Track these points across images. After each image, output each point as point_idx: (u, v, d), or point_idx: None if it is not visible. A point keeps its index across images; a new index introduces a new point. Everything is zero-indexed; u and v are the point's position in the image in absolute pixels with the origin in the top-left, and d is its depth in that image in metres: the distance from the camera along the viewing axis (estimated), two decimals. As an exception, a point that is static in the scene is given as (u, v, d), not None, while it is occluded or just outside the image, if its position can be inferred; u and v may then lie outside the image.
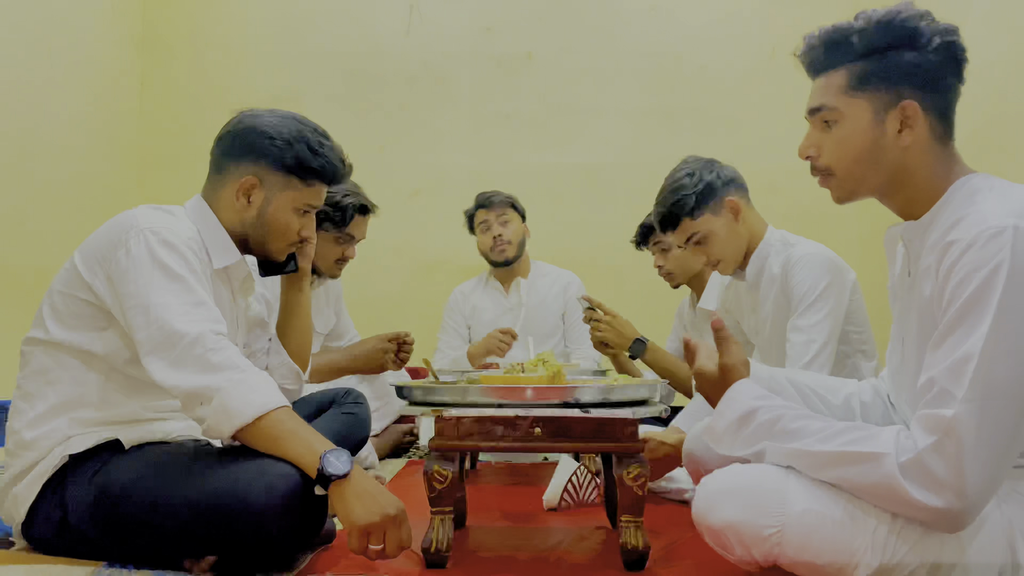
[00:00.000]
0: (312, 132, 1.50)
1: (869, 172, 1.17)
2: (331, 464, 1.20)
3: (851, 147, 1.17)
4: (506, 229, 2.97)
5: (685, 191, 1.94)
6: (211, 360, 1.26)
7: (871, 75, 1.15)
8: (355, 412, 2.05)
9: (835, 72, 1.17)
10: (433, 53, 3.87)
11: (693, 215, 1.94)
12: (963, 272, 1.02)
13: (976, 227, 1.03)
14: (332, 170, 1.51)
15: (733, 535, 1.11)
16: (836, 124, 1.18)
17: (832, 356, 1.88)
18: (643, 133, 3.81)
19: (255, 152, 1.47)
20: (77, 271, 1.36)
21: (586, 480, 1.90)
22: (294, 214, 1.51)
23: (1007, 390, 0.99)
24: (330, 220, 2.24)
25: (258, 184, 1.47)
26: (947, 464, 0.98)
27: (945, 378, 1.01)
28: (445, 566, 1.37)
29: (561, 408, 1.36)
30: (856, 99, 1.16)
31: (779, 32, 3.70)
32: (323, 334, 2.53)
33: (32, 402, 1.36)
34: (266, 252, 1.54)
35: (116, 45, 3.70)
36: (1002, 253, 0.99)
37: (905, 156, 1.15)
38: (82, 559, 1.31)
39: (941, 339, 1.04)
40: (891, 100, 1.14)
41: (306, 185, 1.49)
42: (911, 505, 1.01)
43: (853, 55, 1.16)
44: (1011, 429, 1.00)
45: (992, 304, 0.99)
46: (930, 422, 1.01)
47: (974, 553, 1.05)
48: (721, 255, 1.97)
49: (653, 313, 3.06)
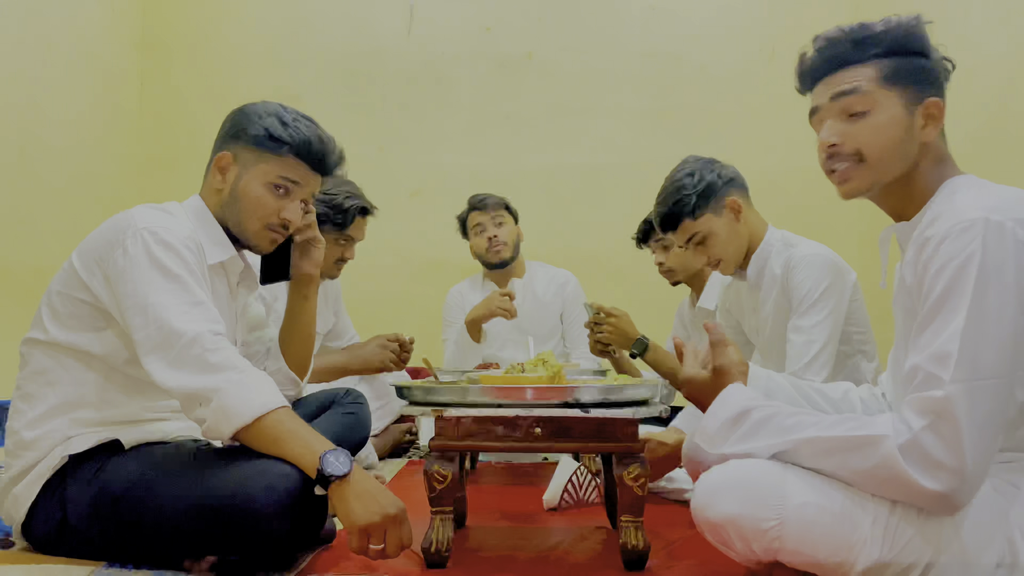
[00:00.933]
0: (290, 111, 1.50)
1: (896, 162, 1.20)
2: (331, 464, 1.20)
3: (885, 135, 1.20)
4: (501, 230, 2.95)
5: (686, 191, 1.94)
6: (210, 360, 1.26)
7: (902, 71, 1.20)
8: (355, 412, 2.05)
9: (862, 66, 1.21)
10: (433, 53, 3.87)
11: (694, 215, 1.94)
12: (938, 264, 1.07)
13: (950, 222, 1.08)
14: (304, 142, 1.47)
15: (733, 529, 1.12)
16: (869, 112, 1.20)
17: (832, 357, 1.88)
18: (643, 133, 3.81)
19: (234, 131, 1.49)
20: (75, 271, 1.36)
21: (586, 480, 1.90)
22: (266, 189, 1.47)
23: (991, 370, 1.02)
24: (331, 221, 2.24)
25: (232, 160, 1.48)
26: (945, 445, 1.01)
27: (930, 363, 1.05)
28: (445, 566, 1.37)
29: (561, 408, 1.35)
30: (890, 91, 1.20)
31: (778, 32, 3.70)
32: (322, 334, 2.53)
33: (32, 402, 1.36)
34: (244, 233, 1.50)
35: (116, 45, 3.70)
36: (973, 244, 1.04)
37: (922, 152, 1.20)
38: (82, 559, 1.31)
39: (922, 328, 1.08)
40: (916, 96, 1.20)
41: (276, 156, 1.46)
42: (911, 487, 1.03)
43: (880, 51, 1.20)
44: (999, 409, 1.03)
45: (968, 292, 1.03)
46: (922, 404, 1.03)
47: (972, 548, 1.05)
48: (722, 255, 1.97)
49: (653, 312, 3.06)
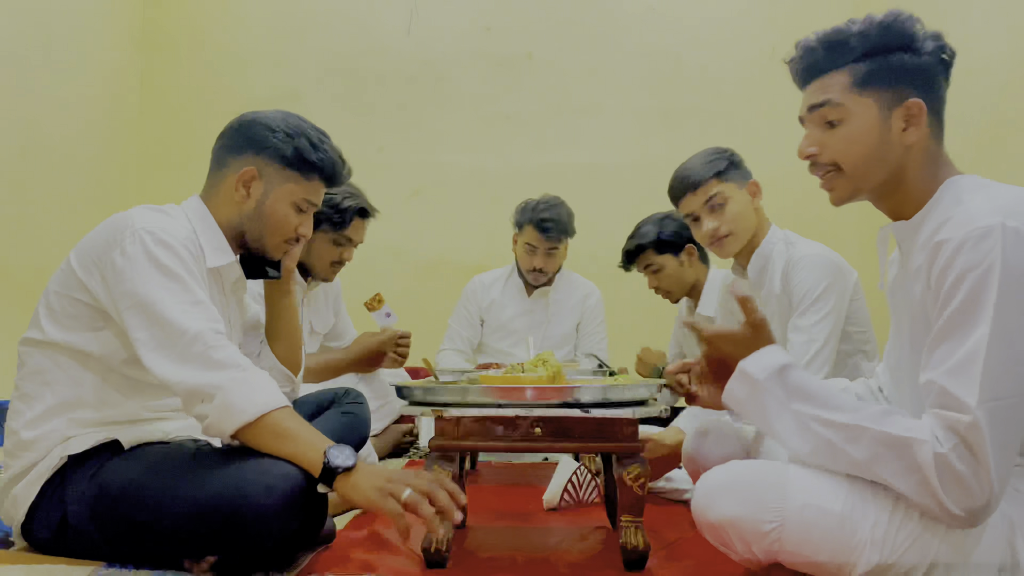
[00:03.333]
0: (312, 129, 1.51)
1: (875, 169, 1.18)
2: (337, 457, 1.21)
3: (859, 144, 1.18)
4: (549, 262, 2.88)
5: (718, 156, 1.98)
6: (213, 357, 1.26)
7: (875, 74, 1.16)
8: (355, 412, 2.05)
9: (836, 73, 1.19)
10: (433, 53, 3.87)
11: (721, 176, 1.95)
12: (956, 273, 1.03)
13: (965, 227, 1.04)
14: (331, 166, 1.51)
15: (733, 531, 1.11)
16: (842, 122, 1.19)
17: (832, 356, 1.88)
18: (643, 133, 3.81)
19: (256, 144, 1.47)
20: (73, 271, 1.36)
21: (586, 480, 1.90)
22: (291, 208, 1.50)
23: (1013, 389, 1.00)
24: (329, 221, 2.24)
25: (257, 175, 1.47)
26: (973, 471, 0.99)
27: (948, 380, 1.02)
28: (445, 566, 1.37)
29: (561, 408, 1.35)
30: (862, 97, 1.17)
31: (779, 32, 3.69)
32: (322, 334, 2.53)
33: (30, 403, 1.36)
34: (263, 247, 1.52)
35: (116, 45, 3.70)
36: (993, 253, 1.01)
37: (907, 155, 1.17)
38: (82, 559, 1.30)
39: (939, 341, 1.05)
40: (895, 98, 1.16)
41: (305, 179, 1.49)
42: (938, 500, 1.01)
43: (855, 55, 1.17)
44: (1018, 426, 1.02)
45: (989, 305, 1.00)
46: (947, 423, 1.01)
47: (974, 551, 1.05)
48: (733, 227, 1.95)
49: (654, 312, 3.06)
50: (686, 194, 1.98)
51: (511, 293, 3.03)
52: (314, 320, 2.46)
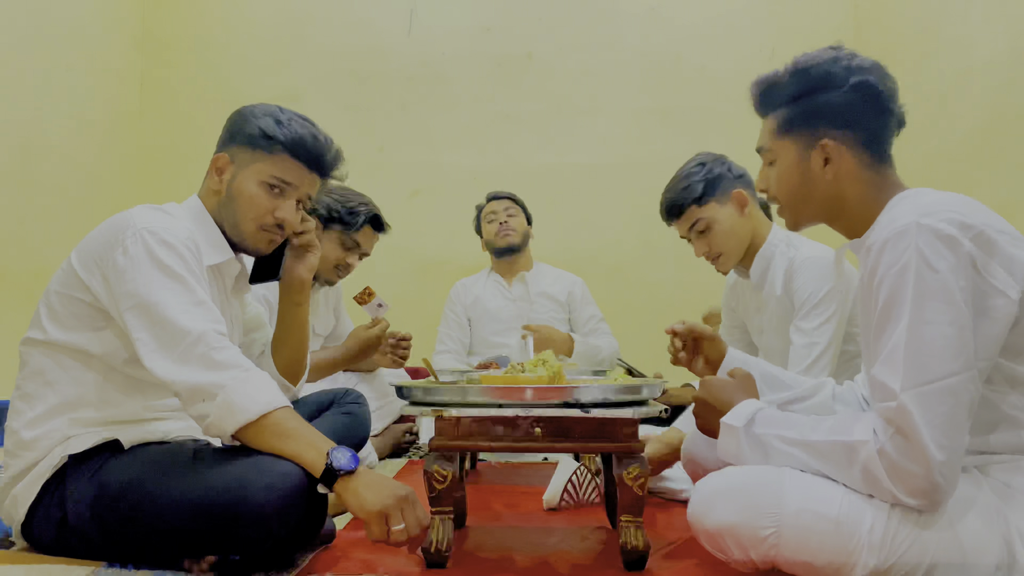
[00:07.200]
0: (287, 112, 1.50)
1: (805, 203, 1.30)
2: (339, 460, 1.21)
3: (786, 182, 1.30)
4: (512, 219, 3.08)
5: (694, 178, 1.97)
6: (215, 358, 1.26)
7: (793, 119, 1.27)
8: (355, 412, 2.05)
9: (769, 118, 1.32)
10: (433, 53, 3.87)
11: (699, 202, 1.96)
12: (880, 273, 1.10)
13: (886, 230, 1.11)
14: (297, 139, 1.47)
15: (730, 537, 1.12)
16: (774, 164, 1.32)
17: (834, 359, 1.88)
18: (643, 133, 3.81)
19: (231, 133, 1.50)
20: (74, 271, 1.36)
21: (586, 480, 1.90)
22: (260, 188, 1.47)
23: (940, 372, 1.04)
24: (340, 221, 2.24)
25: (229, 161, 1.49)
26: (907, 454, 1.03)
27: (879, 372, 1.08)
28: (445, 566, 1.37)
29: (561, 408, 1.35)
30: (784, 141, 1.29)
31: (778, 32, 3.70)
32: (323, 336, 2.53)
33: (31, 402, 1.36)
34: (241, 235, 1.49)
35: (116, 45, 3.70)
36: (909, 251, 1.07)
37: (836, 186, 1.26)
38: (82, 559, 1.31)
39: (876, 338, 1.11)
40: (812, 140, 1.26)
41: (269, 154, 1.47)
42: (890, 492, 1.05)
43: (779, 102, 1.29)
44: (961, 405, 1.04)
45: (907, 298, 1.06)
46: (884, 414, 1.06)
47: (970, 551, 1.06)
48: (723, 247, 1.97)
49: (654, 312, 3.06)
50: (671, 222, 2.05)
51: (492, 287, 3.16)
52: (315, 322, 2.46)
